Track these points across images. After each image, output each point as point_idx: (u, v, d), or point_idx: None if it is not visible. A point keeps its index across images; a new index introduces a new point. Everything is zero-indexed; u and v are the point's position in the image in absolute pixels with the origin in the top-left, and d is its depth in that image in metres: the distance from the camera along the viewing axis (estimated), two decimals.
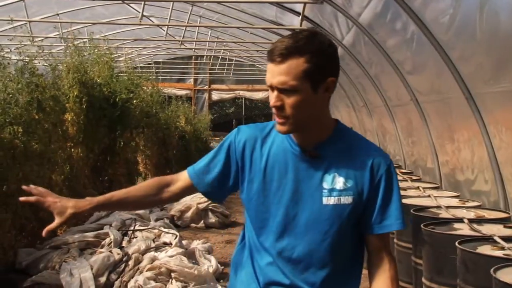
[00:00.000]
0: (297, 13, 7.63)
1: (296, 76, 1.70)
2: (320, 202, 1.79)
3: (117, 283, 5.07)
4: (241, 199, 1.91)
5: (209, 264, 5.43)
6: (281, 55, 1.70)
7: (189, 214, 8.02)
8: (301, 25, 7.76)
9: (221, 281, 5.28)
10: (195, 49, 15.98)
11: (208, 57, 18.95)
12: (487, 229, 3.45)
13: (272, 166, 1.83)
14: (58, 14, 10.84)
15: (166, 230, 6.17)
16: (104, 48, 9.18)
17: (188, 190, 1.98)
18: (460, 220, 3.67)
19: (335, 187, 1.78)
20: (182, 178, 1.97)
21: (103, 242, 5.74)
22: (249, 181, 1.86)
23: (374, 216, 1.80)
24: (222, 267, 5.61)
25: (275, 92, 1.73)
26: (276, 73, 1.71)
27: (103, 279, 5.03)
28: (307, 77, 1.70)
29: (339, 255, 1.82)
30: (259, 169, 1.85)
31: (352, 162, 1.80)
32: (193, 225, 8.01)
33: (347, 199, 1.78)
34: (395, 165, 7.24)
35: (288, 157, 1.83)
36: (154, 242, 5.82)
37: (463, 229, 3.51)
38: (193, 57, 21.04)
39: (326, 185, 1.79)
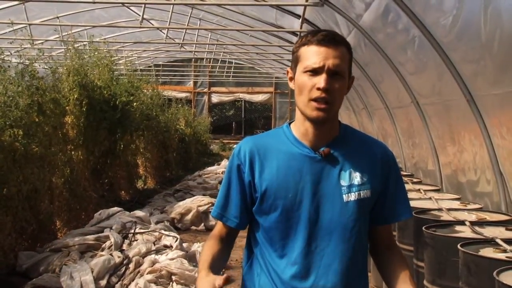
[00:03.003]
0: (297, 16, 7.64)
1: (346, 63, 1.77)
2: (341, 200, 1.80)
3: (117, 286, 5.06)
4: (254, 209, 1.86)
5: None
6: (335, 40, 1.75)
7: (189, 216, 8.01)
8: (301, 28, 7.76)
9: None
10: (195, 51, 16.01)
11: (208, 59, 18.97)
12: (489, 232, 3.44)
13: (285, 173, 1.81)
14: (58, 17, 10.84)
15: (166, 233, 6.16)
16: (104, 50, 9.19)
17: (235, 234, 1.95)
18: (461, 222, 3.66)
19: (353, 183, 1.81)
20: (227, 234, 1.92)
21: (103, 245, 5.74)
22: (262, 193, 1.82)
23: (388, 206, 1.87)
24: (223, 270, 5.61)
25: (324, 75, 1.73)
26: (331, 56, 1.73)
27: (103, 282, 5.02)
28: (349, 67, 1.79)
29: (362, 250, 1.87)
30: (271, 177, 1.81)
31: (363, 157, 1.85)
32: (193, 227, 8.00)
33: (366, 193, 1.82)
34: None
35: (301, 160, 1.81)
36: (154, 245, 5.81)
37: (465, 232, 3.50)
38: (193, 59, 21.07)
39: (344, 182, 1.81)
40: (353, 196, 1.80)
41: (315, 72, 1.74)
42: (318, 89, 1.72)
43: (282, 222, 1.81)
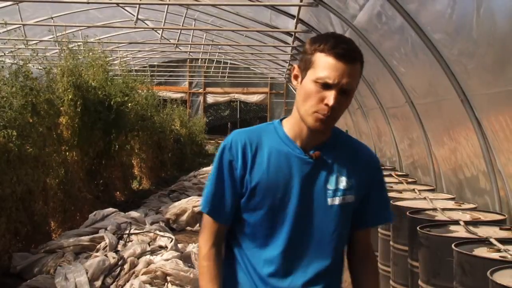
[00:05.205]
0: (292, 16, 7.64)
1: (357, 81, 1.76)
2: (325, 204, 1.81)
3: (112, 287, 5.05)
4: (240, 203, 1.84)
5: None
6: (353, 57, 1.73)
7: (184, 217, 8.00)
8: (295, 28, 7.77)
9: None
10: (190, 52, 15.98)
11: (203, 60, 18.95)
12: (483, 231, 3.45)
13: (276, 171, 1.80)
14: (52, 18, 10.82)
15: (161, 233, 6.15)
16: (99, 51, 9.16)
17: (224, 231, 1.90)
18: (456, 222, 3.67)
19: (339, 187, 1.82)
20: (219, 231, 1.87)
21: (98, 246, 5.72)
22: (251, 189, 1.81)
23: (369, 211, 1.90)
24: None
25: (334, 93, 1.70)
26: (346, 74, 1.71)
27: (98, 283, 5.01)
28: (357, 84, 1.77)
29: (341, 254, 1.89)
30: (262, 174, 1.80)
31: (351, 161, 1.86)
32: (188, 228, 7.98)
33: (350, 198, 1.84)
34: (390, 167, 7.26)
35: (292, 160, 1.81)
36: (149, 245, 5.80)
37: (459, 232, 3.51)
38: (188, 60, 21.05)
39: (330, 186, 1.82)
40: (337, 200, 1.82)
41: (326, 85, 1.71)
42: (326, 105, 1.71)
43: (267, 220, 1.81)
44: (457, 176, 5.05)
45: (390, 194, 4.90)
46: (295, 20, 7.37)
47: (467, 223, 3.62)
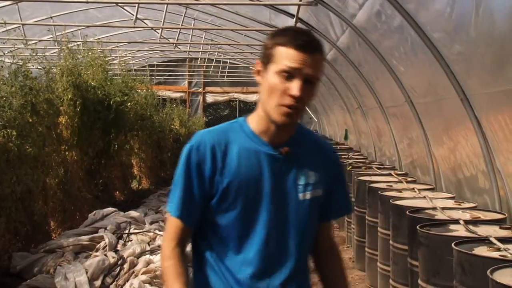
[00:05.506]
0: (291, 15, 7.63)
1: (320, 70, 1.75)
2: (297, 199, 1.81)
3: (112, 287, 5.05)
4: (211, 206, 1.78)
5: None
6: (313, 47, 1.72)
7: None
8: None
9: None
10: (189, 51, 15.97)
11: (203, 59, 18.93)
12: (483, 230, 3.45)
13: (246, 170, 1.77)
14: (52, 17, 10.80)
15: (161, 233, 6.15)
16: (98, 51, 9.16)
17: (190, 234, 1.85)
18: (456, 221, 3.67)
19: (309, 182, 1.83)
20: (184, 232, 1.82)
21: (98, 246, 5.72)
22: (223, 190, 1.76)
23: (333, 204, 1.93)
24: None
25: (299, 83, 1.69)
26: (308, 63, 1.69)
27: (98, 283, 5.01)
28: (320, 75, 1.77)
29: (310, 248, 1.91)
30: (233, 174, 1.76)
31: (317, 156, 1.88)
32: None
33: (319, 192, 1.85)
34: (390, 166, 7.26)
35: (261, 158, 1.78)
36: (149, 245, 5.80)
37: (459, 231, 3.51)
38: (188, 59, 21.02)
39: (300, 181, 1.82)
40: (308, 195, 1.82)
41: (289, 77, 1.70)
42: (291, 96, 1.69)
43: (240, 220, 1.77)
44: (457, 176, 5.06)
45: (390, 193, 4.91)
46: (295, 19, 7.36)
47: (467, 222, 3.62)
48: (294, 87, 1.69)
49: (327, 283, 1.96)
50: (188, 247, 1.88)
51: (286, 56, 1.69)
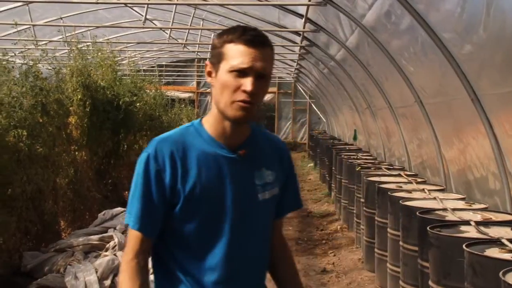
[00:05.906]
0: (300, 15, 7.62)
1: (271, 64, 1.76)
2: (257, 200, 1.81)
3: None
4: (173, 214, 1.74)
5: None
6: (262, 42, 1.73)
7: None
8: (304, 27, 7.75)
9: None
10: (198, 52, 15.99)
11: None
12: (494, 232, 3.43)
13: (207, 175, 1.75)
14: (61, 18, 10.87)
15: None
16: (108, 51, 9.19)
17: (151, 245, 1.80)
18: (466, 222, 3.65)
19: (266, 181, 1.83)
20: (145, 242, 1.76)
21: (107, 245, 5.74)
22: (185, 198, 1.73)
23: (286, 199, 1.93)
24: None
25: (251, 78, 1.69)
26: (259, 58, 1.70)
27: (107, 283, 5.03)
28: (272, 69, 1.78)
29: (268, 246, 1.91)
30: (194, 180, 1.73)
31: (271, 154, 1.89)
32: None
33: (276, 190, 1.86)
34: (399, 167, 7.23)
35: (220, 161, 1.77)
36: None
37: (470, 232, 3.49)
38: (196, 59, 21.04)
39: (258, 181, 1.82)
40: (267, 195, 1.83)
41: (241, 73, 1.69)
42: (244, 91, 1.69)
43: (204, 226, 1.75)
44: (468, 176, 5.02)
45: (399, 194, 4.89)
46: (304, 19, 7.36)
47: (478, 223, 3.60)
48: (247, 82, 1.69)
49: (280, 279, 1.97)
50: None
51: (236, 53, 1.70)
